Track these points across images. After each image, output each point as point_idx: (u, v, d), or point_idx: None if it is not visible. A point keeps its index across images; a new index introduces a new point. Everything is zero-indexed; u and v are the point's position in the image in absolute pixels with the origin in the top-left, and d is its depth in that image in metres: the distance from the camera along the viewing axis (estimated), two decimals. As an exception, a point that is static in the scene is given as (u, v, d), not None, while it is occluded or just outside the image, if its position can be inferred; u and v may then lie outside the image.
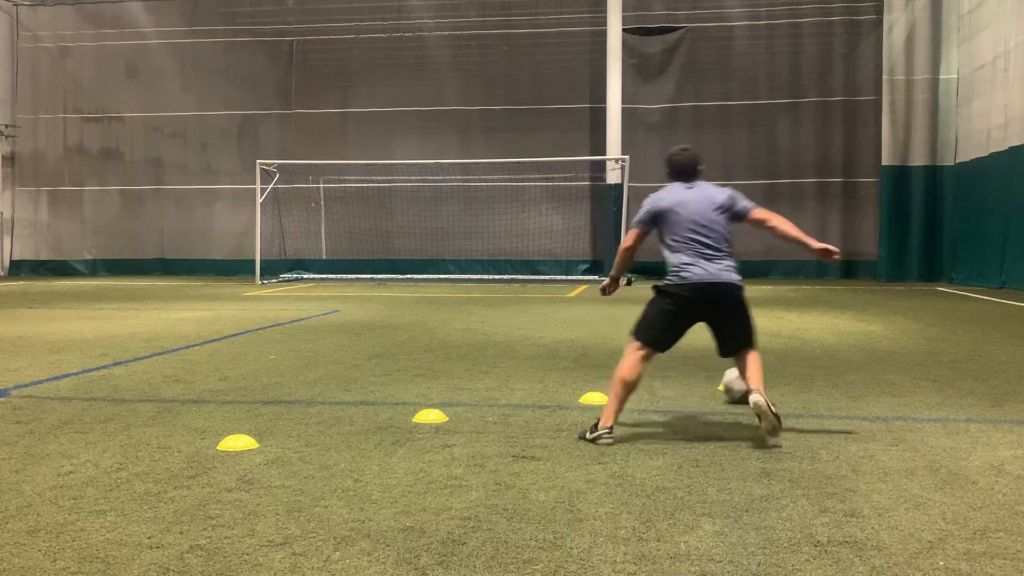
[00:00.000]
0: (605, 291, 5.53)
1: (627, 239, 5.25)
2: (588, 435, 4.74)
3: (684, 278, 4.91)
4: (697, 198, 5.08)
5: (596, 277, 22.82)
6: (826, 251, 4.99)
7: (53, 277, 25.36)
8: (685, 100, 24.03)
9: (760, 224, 5.21)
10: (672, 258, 5.01)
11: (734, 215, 5.11)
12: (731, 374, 5.76)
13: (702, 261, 4.91)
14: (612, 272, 5.45)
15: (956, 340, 9.29)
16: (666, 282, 5.00)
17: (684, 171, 5.26)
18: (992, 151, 18.83)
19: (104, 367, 7.38)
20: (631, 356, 4.92)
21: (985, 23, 19.55)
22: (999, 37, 18.61)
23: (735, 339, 5.05)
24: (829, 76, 23.61)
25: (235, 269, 25.30)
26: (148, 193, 26.45)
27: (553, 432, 4.95)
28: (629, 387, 4.87)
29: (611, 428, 4.72)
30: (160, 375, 6.95)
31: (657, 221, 5.09)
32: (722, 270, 4.93)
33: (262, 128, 25.94)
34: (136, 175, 26.49)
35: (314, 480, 3.99)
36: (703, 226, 4.97)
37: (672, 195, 5.12)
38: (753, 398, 4.60)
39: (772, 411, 4.54)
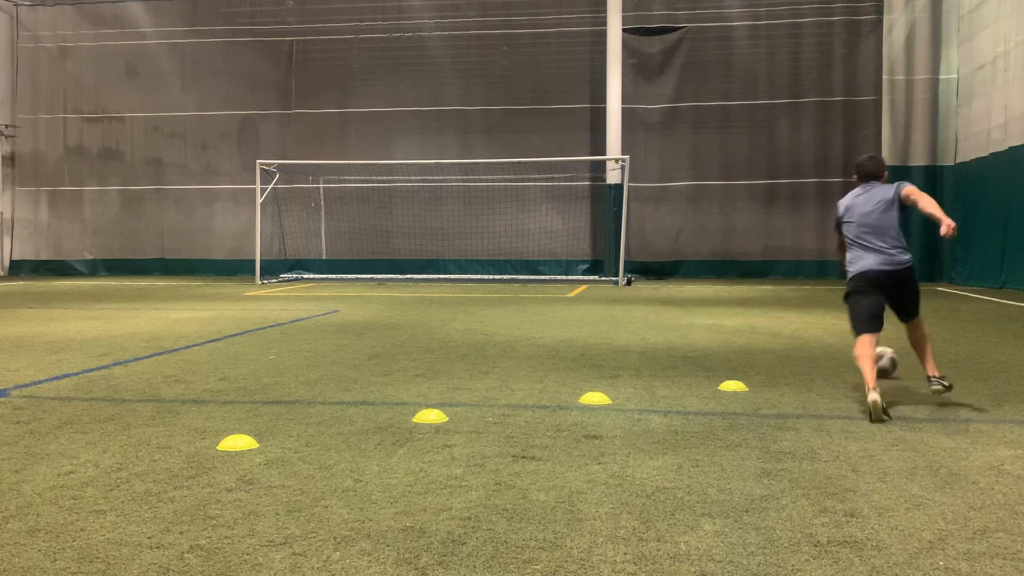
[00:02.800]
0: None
1: (839, 239, 6.21)
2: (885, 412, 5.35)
3: (852, 271, 5.94)
4: (865, 201, 5.94)
5: (596, 277, 22.83)
6: (948, 226, 5.66)
7: (53, 277, 25.36)
8: (685, 100, 24.04)
9: (907, 199, 5.80)
10: (848, 255, 6.01)
11: (900, 203, 5.83)
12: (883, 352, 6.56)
13: (866, 254, 5.84)
14: (841, 261, 6.26)
15: (956, 340, 9.29)
16: (851, 269, 5.98)
17: (867, 175, 6.06)
18: (992, 151, 18.83)
19: (104, 367, 7.38)
20: (861, 344, 5.71)
21: (985, 23, 19.55)
22: (999, 37, 18.60)
23: (905, 310, 5.96)
24: (829, 76, 23.62)
25: (235, 269, 25.31)
26: (148, 193, 26.45)
27: (553, 432, 4.94)
28: (871, 360, 5.60)
29: (874, 388, 5.41)
30: (160, 375, 6.95)
31: (840, 224, 6.08)
32: (892, 254, 5.79)
33: (262, 128, 25.95)
34: (136, 175, 26.49)
35: (314, 480, 3.99)
36: (868, 224, 5.86)
37: (846, 201, 6.06)
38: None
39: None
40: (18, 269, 26.75)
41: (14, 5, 26.53)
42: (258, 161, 22.72)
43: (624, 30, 23.00)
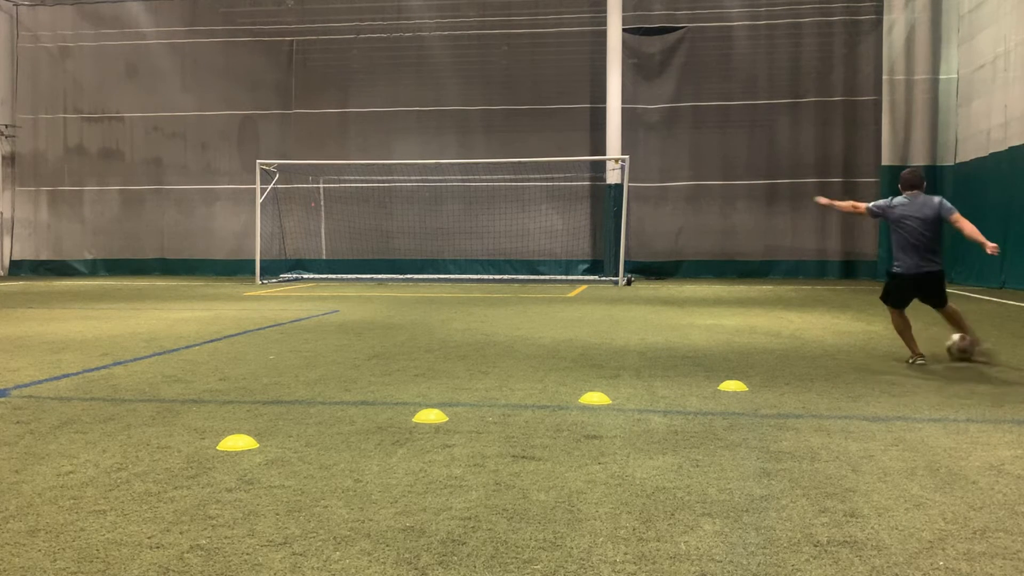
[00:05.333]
0: (821, 201, 8.44)
1: (862, 206, 8.10)
2: (910, 362, 7.48)
3: (898, 268, 7.64)
4: (915, 211, 7.51)
5: (596, 277, 22.84)
6: (991, 248, 7.29)
7: (53, 277, 25.36)
8: (685, 100, 24.05)
9: (953, 224, 7.49)
10: (895, 250, 7.65)
11: (942, 218, 7.45)
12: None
13: (910, 256, 7.52)
14: (837, 203, 8.38)
15: (956, 340, 9.28)
16: (892, 268, 7.77)
17: (911, 185, 7.73)
18: (992, 151, 18.83)
19: (104, 367, 7.38)
20: (893, 316, 7.80)
21: (985, 23, 19.55)
22: (999, 37, 18.61)
23: (935, 301, 7.74)
24: (829, 76, 23.63)
25: (235, 269, 25.31)
26: (148, 193, 26.46)
27: (553, 432, 4.94)
28: (906, 328, 7.70)
29: (919, 354, 7.55)
30: (160, 375, 6.95)
31: (887, 220, 7.71)
32: (922, 263, 7.52)
33: (262, 128, 25.95)
34: (136, 175, 26.50)
35: (314, 480, 3.99)
36: (915, 230, 7.47)
37: (901, 208, 7.61)
38: (951, 341, 7.69)
39: (966, 343, 7.47)
40: (18, 269, 26.75)
41: (14, 5, 26.53)
42: (258, 161, 22.73)
43: (624, 30, 23.00)
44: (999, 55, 18.60)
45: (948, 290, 8.02)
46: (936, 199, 7.60)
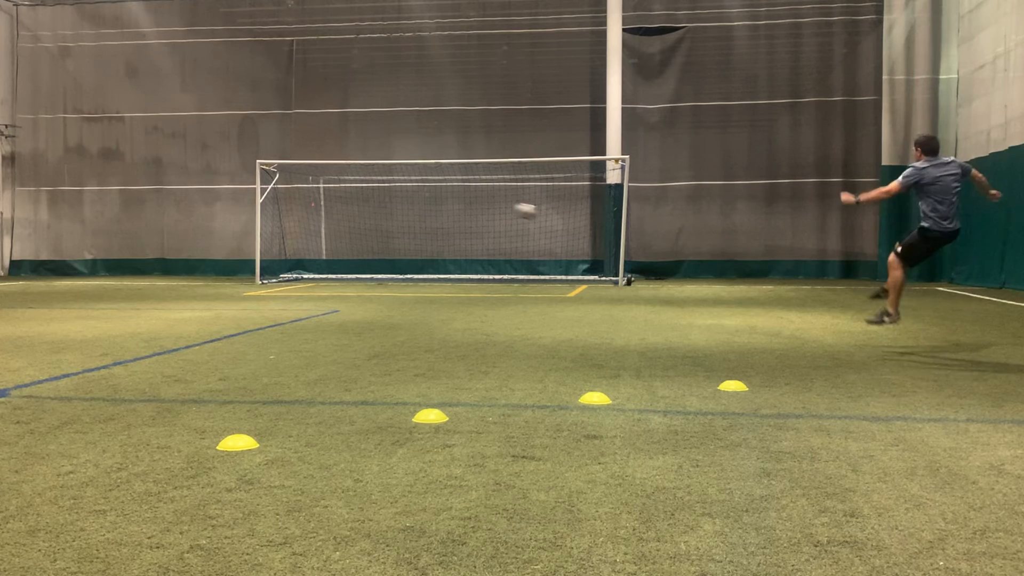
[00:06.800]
0: (843, 198, 8.60)
1: (893, 186, 8.25)
2: (876, 319, 8.53)
3: (934, 225, 8.07)
4: (945, 173, 8.04)
5: (596, 277, 22.83)
6: (994, 194, 8.36)
7: (53, 277, 25.36)
8: (685, 100, 24.03)
9: (971, 180, 8.31)
10: (935, 211, 8.07)
11: (964, 176, 8.13)
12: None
13: (942, 215, 8.05)
14: (861, 195, 8.51)
15: (956, 340, 9.29)
16: (923, 226, 8.16)
17: (932, 150, 8.14)
18: (992, 151, 18.82)
19: (104, 367, 7.38)
20: (899, 272, 8.28)
21: (985, 23, 19.55)
22: (999, 37, 18.60)
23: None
24: (829, 76, 23.61)
25: (235, 269, 25.30)
26: (148, 193, 26.45)
27: (553, 432, 4.94)
28: (902, 284, 8.29)
29: (897, 313, 8.33)
30: (160, 375, 6.95)
31: (918, 188, 8.06)
32: (957, 219, 8.12)
33: (262, 128, 25.94)
34: (136, 175, 26.48)
35: (314, 480, 3.99)
36: (950, 188, 8.04)
37: (930, 172, 8.05)
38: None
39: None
40: (18, 269, 26.74)
41: (14, 5, 26.52)
42: (258, 161, 22.72)
43: (624, 30, 22.99)
44: (999, 55, 18.59)
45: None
46: (950, 158, 8.32)
